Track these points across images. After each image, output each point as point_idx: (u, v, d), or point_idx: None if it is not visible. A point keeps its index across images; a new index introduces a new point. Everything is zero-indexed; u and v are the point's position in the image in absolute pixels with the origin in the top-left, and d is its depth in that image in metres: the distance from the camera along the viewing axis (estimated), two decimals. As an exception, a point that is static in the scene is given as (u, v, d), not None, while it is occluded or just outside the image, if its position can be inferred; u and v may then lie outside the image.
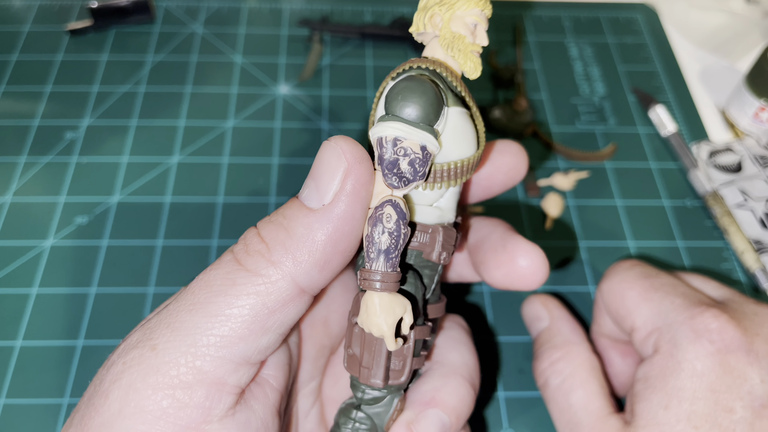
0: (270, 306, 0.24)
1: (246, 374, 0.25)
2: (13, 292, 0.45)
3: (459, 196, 0.29)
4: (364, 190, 0.24)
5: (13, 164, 0.52)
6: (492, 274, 0.31)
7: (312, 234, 0.24)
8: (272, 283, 0.24)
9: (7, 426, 0.40)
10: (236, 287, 0.24)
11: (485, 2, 0.27)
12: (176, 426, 0.23)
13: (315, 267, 0.24)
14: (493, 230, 0.32)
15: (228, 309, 0.24)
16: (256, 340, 0.24)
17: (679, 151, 0.55)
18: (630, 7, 0.69)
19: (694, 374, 0.31)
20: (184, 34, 0.63)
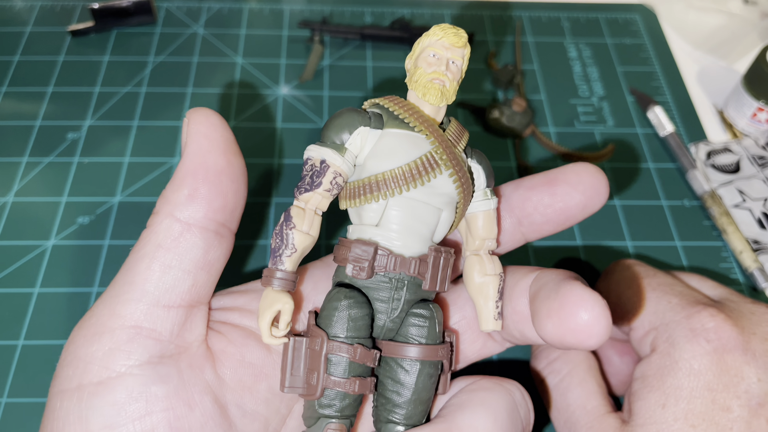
0: (162, 244, 0.27)
1: (164, 319, 0.27)
2: (15, 291, 0.46)
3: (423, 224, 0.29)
4: (204, 128, 0.28)
5: (16, 164, 0.53)
6: (543, 324, 0.27)
7: (176, 177, 0.28)
8: (157, 225, 0.28)
9: (8, 425, 0.40)
10: (138, 243, 0.28)
11: (441, 31, 0.28)
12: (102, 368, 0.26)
13: (185, 198, 0.28)
14: (553, 278, 0.29)
15: (134, 261, 0.28)
16: (157, 278, 0.27)
17: (678, 152, 0.55)
18: (628, 8, 0.69)
19: (691, 373, 0.31)
20: (185, 35, 0.64)
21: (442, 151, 0.28)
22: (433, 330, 0.28)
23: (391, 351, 0.28)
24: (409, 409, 0.28)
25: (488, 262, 0.30)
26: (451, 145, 0.28)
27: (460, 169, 0.28)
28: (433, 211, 0.28)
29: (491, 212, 0.30)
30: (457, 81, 0.29)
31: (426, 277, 0.28)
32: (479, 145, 0.56)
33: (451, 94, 0.29)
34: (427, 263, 0.28)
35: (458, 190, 0.28)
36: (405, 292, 0.28)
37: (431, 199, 0.28)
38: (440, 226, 0.29)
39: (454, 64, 0.28)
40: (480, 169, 0.30)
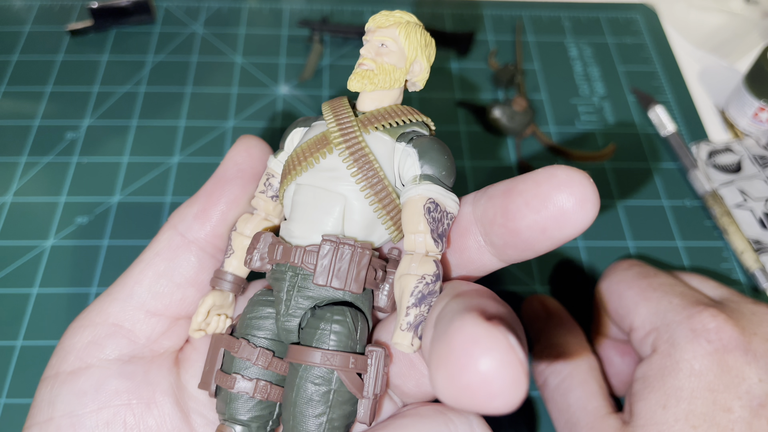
0: (160, 253, 0.29)
1: (142, 323, 0.28)
2: (13, 291, 0.46)
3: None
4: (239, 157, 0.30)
5: (14, 164, 0.52)
6: (433, 378, 0.19)
7: (196, 193, 0.30)
8: (161, 234, 0.29)
9: (7, 425, 0.40)
10: (145, 248, 0.30)
11: (372, 18, 0.27)
12: (77, 359, 0.28)
13: (192, 215, 0.29)
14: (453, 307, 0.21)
15: (134, 265, 0.29)
16: (150, 285, 0.28)
17: (679, 152, 0.55)
18: (629, 8, 0.69)
19: (692, 374, 0.31)
20: (184, 34, 0.63)
21: (336, 129, 0.25)
22: (330, 335, 0.24)
23: (292, 355, 0.25)
24: (290, 422, 0.24)
25: (413, 261, 0.24)
26: (359, 125, 0.25)
27: (356, 148, 0.25)
28: (332, 197, 0.25)
29: (414, 199, 0.24)
30: (390, 62, 0.26)
31: (314, 269, 0.24)
32: (480, 144, 0.56)
33: (381, 77, 0.26)
34: (314, 253, 0.24)
35: (351, 169, 0.25)
36: (301, 286, 0.25)
37: (329, 184, 0.25)
38: (353, 215, 0.25)
39: (384, 46, 0.26)
40: (413, 152, 0.25)
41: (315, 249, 0.25)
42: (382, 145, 0.26)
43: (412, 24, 0.27)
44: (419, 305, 0.23)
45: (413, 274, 0.23)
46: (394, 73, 0.26)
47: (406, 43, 0.26)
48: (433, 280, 0.23)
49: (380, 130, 0.26)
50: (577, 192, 0.21)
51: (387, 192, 0.25)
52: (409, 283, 0.23)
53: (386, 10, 0.27)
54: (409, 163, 0.25)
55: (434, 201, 0.24)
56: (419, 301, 0.23)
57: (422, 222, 0.24)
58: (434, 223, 0.24)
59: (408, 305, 0.23)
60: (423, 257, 0.24)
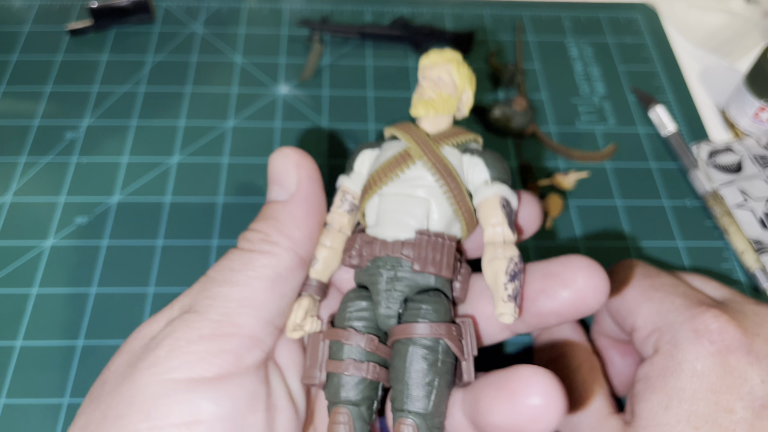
0: (282, 273, 0.29)
1: (271, 336, 0.29)
2: (13, 292, 0.45)
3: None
4: (314, 174, 0.31)
5: (13, 164, 0.52)
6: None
7: (293, 214, 0.30)
8: (278, 255, 0.29)
9: (7, 426, 0.40)
10: (252, 263, 0.29)
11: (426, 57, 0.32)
12: (213, 366, 0.27)
13: (306, 238, 0.30)
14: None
15: (251, 279, 0.28)
16: (276, 302, 0.29)
17: (679, 151, 0.55)
18: (630, 7, 0.69)
19: (694, 374, 0.31)
20: (184, 34, 0.63)
21: (416, 146, 0.30)
22: (430, 312, 0.28)
23: (398, 333, 0.28)
24: (405, 392, 0.27)
25: (498, 247, 0.29)
26: (431, 143, 0.31)
27: (436, 159, 0.30)
28: (417, 202, 0.30)
29: (489, 198, 0.30)
30: (447, 92, 0.31)
31: (413, 258, 0.29)
32: (480, 144, 0.56)
33: (441, 103, 0.31)
34: (412, 245, 0.29)
35: (435, 176, 0.30)
36: (397, 277, 0.29)
37: (414, 191, 0.30)
38: (433, 215, 0.30)
39: (440, 79, 0.31)
40: (479, 161, 0.31)
41: (411, 241, 0.29)
42: (453, 157, 0.31)
43: (460, 60, 0.32)
44: (513, 281, 0.28)
45: (502, 257, 0.28)
46: (450, 101, 0.32)
47: (457, 76, 0.32)
48: (520, 260, 0.28)
49: (449, 145, 0.31)
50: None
51: (463, 195, 0.30)
52: (501, 265, 0.28)
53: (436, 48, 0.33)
54: (477, 170, 0.31)
55: (506, 198, 0.30)
56: (512, 277, 0.28)
57: (500, 215, 0.29)
58: (507, 216, 0.29)
59: (504, 282, 0.27)
60: (504, 244, 0.29)
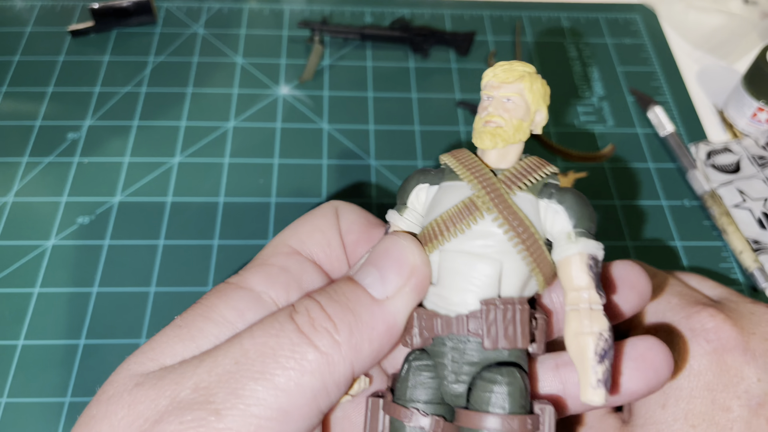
0: (328, 387, 0.24)
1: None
2: (15, 291, 0.46)
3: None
4: (423, 291, 0.26)
5: (16, 164, 0.53)
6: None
7: (375, 322, 0.25)
8: (334, 364, 0.24)
9: (9, 425, 0.40)
10: (303, 362, 0.24)
11: (491, 71, 0.27)
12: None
13: (370, 355, 0.25)
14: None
15: (293, 384, 0.23)
16: (310, 418, 0.24)
17: (678, 152, 0.55)
18: (628, 8, 0.69)
19: (691, 373, 0.31)
20: (185, 35, 0.64)
21: (485, 194, 0.25)
22: (508, 399, 0.24)
23: (462, 419, 0.25)
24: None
25: (584, 318, 0.25)
26: (504, 188, 0.26)
27: (509, 212, 0.25)
28: (487, 264, 0.25)
29: (574, 257, 0.25)
30: (518, 117, 0.26)
31: (481, 334, 0.25)
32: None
33: (512, 134, 0.26)
34: (479, 319, 0.25)
35: (508, 234, 0.25)
36: (465, 354, 0.25)
37: (483, 250, 0.25)
38: (506, 278, 0.25)
39: (509, 101, 0.26)
40: (561, 209, 0.26)
41: (478, 314, 0.25)
42: (529, 204, 0.26)
43: (533, 75, 0.27)
44: (603, 361, 0.24)
45: (589, 333, 0.24)
46: (522, 127, 0.26)
47: (530, 96, 0.26)
48: (610, 334, 0.24)
49: (523, 189, 0.26)
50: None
51: (541, 251, 0.25)
52: (589, 343, 0.24)
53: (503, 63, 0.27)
54: (558, 219, 0.26)
55: (594, 257, 0.25)
56: (602, 357, 0.24)
57: (586, 278, 0.25)
58: (595, 278, 0.25)
59: (593, 364, 0.24)
60: (590, 312, 0.24)
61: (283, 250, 0.28)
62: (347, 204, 0.31)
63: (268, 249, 0.29)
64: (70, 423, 0.40)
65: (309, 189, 0.52)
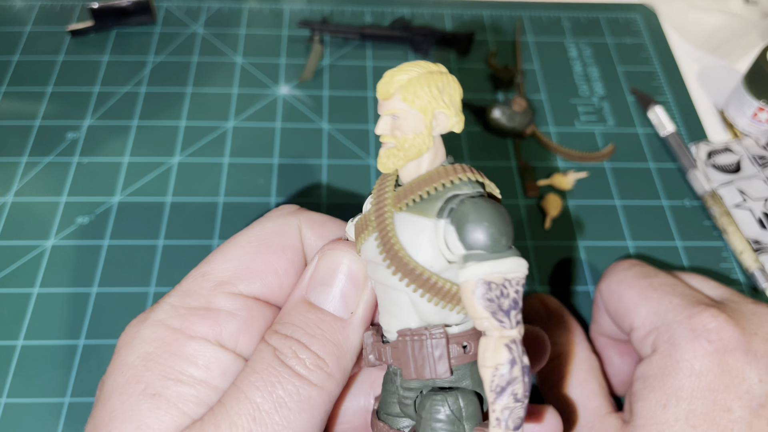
0: (329, 409, 0.26)
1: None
2: (14, 291, 0.46)
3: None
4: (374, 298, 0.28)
5: (15, 164, 0.52)
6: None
7: (351, 342, 0.27)
8: (332, 393, 0.26)
9: (8, 425, 0.40)
10: (311, 402, 0.25)
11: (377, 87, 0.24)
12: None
13: (352, 365, 0.27)
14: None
15: (309, 424, 0.25)
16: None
17: (678, 152, 0.55)
18: (629, 8, 0.69)
19: (692, 374, 0.31)
20: (185, 34, 0.63)
21: (373, 211, 0.24)
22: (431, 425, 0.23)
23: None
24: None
25: (486, 350, 0.22)
26: (389, 206, 0.24)
27: (384, 236, 0.23)
28: (395, 293, 0.24)
29: (463, 288, 0.22)
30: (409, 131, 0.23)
31: (400, 364, 0.24)
32: (479, 145, 0.56)
33: (408, 148, 0.23)
34: (396, 349, 0.24)
35: (387, 263, 0.23)
36: (401, 380, 0.25)
37: (389, 280, 0.24)
38: (419, 306, 0.24)
39: (395, 117, 0.23)
40: (450, 231, 0.22)
41: (396, 345, 0.24)
42: (416, 228, 0.23)
43: (414, 80, 0.23)
44: (501, 397, 0.21)
45: (486, 366, 0.22)
46: (417, 140, 0.23)
47: (416, 103, 0.23)
48: (508, 369, 0.21)
49: (408, 208, 0.23)
50: None
51: (430, 283, 0.23)
52: (485, 377, 0.22)
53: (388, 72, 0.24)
54: (450, 242, 0.23)
55: (485, 281, 0.22)
56: (499, 394, 0.21)
57: (479, 308, 0.22)
58: (492, 304, 0.22)
59: (492, 399, 0.21)
60: (496, 341, 0.22)
61: (227, 289, 0.27)
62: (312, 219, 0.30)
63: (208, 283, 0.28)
64: (70, 423, 0.40)
65: (309, 189, 0.52)
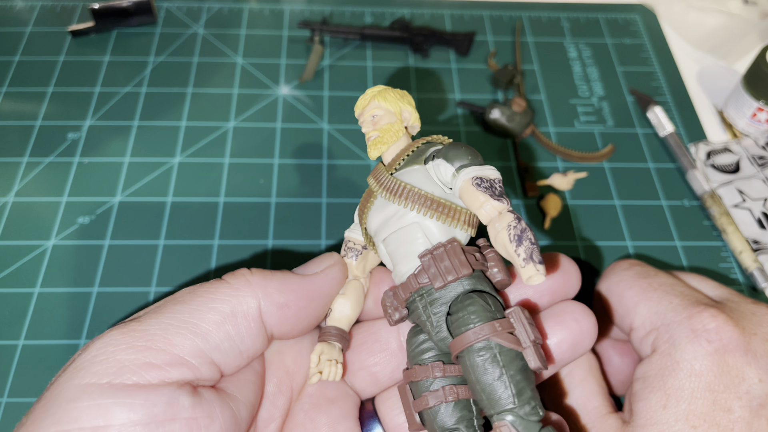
0: (236, 313, 0.29)
1: (207, 366, 0.28)
2: (15, 291, 0.46)
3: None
4: (340, 282, 0.33)
5: (16, 164, 0.53)
6: None
7: (289, 281, 0.30)
8: (241, 296, 0.29)
9: (9, 425, 0.40)
10: (215, 293, 0.29)
11: (355, 108, 0.35)
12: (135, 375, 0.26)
13: (277, 302, 0.30)
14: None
15: (204, 306, 0.28)
16: (219, 337, 0.28)
17: (677, 152, 0.55)
18: (628, 9, 0.69)
19: (692, 374, 0.31)
20: (185, 35, 0.64)
21: (373, 181, 0.32)
22: (469, 318, 0.28)
23: (454, 349, 0.28)
24: (485, 400, 0.27)
25: (495, 222, 0.29)
26: (384, 171, 0.32)
27: (389, 186, 0.31)
28: (409, 229, 0.30)
29: (463, 185, 0.29)
30: (386, 123, 0.33)
31: (429, 280, 0.29)
32: (479, 145, 0.56)
33: (385, 135, 0.32)
34: (422, 270, 0.29)
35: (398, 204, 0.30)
36: (430, 301, 0.29)
37: (400, 222, 0.30)
38: (428, 233, 0.30)
39: (374, 117, 0.33)
40: (439, 161, 0.30)
41: (419, 266, 0.29)
42: (413, 173, 0.31)
43: (382, 91, 0.34)
44: (521, 243, 0.27)
45: (500, 229, 0.28)
46: (392, 128, 0.33)
47: (386, 104, 0.33)
48: (518, 222, 0.28)
49: (402, 165, 0.32)
50: None
51: (438, 202, 0.30)
52: (503, 235, 0.28)
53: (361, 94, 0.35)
54: (442, 169, 0.30)
55: (477, 177, 0.29)
56: (519, 240, 0.27)
57: (479, 195, 0.29)
58: (488, 190, 0.29)
59: (514, 248, 0.27)
60: (499, 216, 0.28)
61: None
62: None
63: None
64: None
65: (309, 189, 0.52)
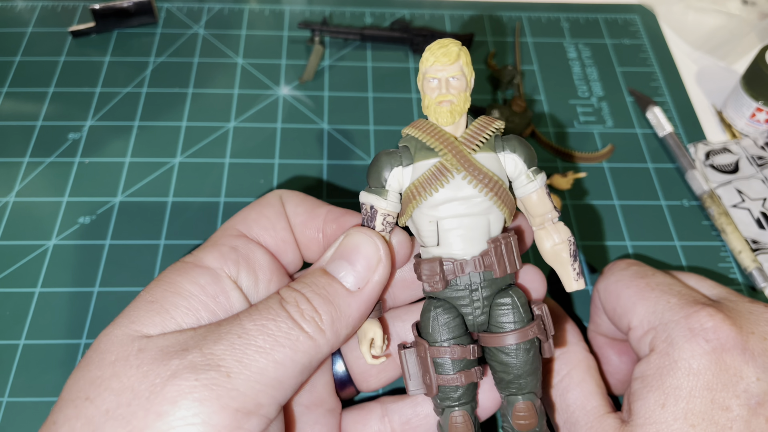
0: (312, 365, 0.29)
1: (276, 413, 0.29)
2: (16, 291, 0.46)
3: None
4: (387, 279, 0.32)
5: (17, 164, 0.53)
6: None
7: (351, 312, 0.30)
8: (319, 347, 0.29)
9: (10, 424, 0.40)
10: (297, 344, 0.28)
11: (431, 56, 0.30)
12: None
13: (346, 338, 0.30)
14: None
15: (288, 360, 0.28)
16: (293, 387, 0.29)
17: (677, 152, 0.55)
18: (628, 9, 0.69)
19: (690, 373, 0.31)
20: (186, 35, 0.64)
21: (452, 157, 0.30)
22: (519, 313, 0.31)
23: (489, 341, 0.32)
24: (519, 382, 0.32)
25: (554, 233, 0.32)
26: (465, 149, 0.30)
27: (473, 168, 0.30)
28: (479, 219, 0.31)
29: (539, 191, 0.32)
30: (464, 91, 0.31)
31: (494, 267, 0.31)
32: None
33: (462, 106, 0.31)
34: (489, 255, 0.31)
35: (478, 187, 0.30)
36: (481, 289, 0.31)
37: (475, 207, 0.31)
38: (493, 225, 0.32)
39: (454, 79, 0.30)
40: (515, 157, 0.32)
41: (487, 253, 0.31)
42: (491, 161, 0.31)
43: (463, 49, 0.31)
44: (576, 259, 0.32)
45: (560, 242, 0.32)
46: (468, 98, 0.31)
47: (467, 69, 0.31)
48: (574, 240, 0.33)
49: (481, 147, 0.31)
50: None
51: (507, 193, 0.31)
52: (563, 250, 0.32)
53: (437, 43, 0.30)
54: (510, 163, 0.32)
55: (547, 185, 0.33)
56: (575, 257, 0.32)
57: (549, 203, 0.32)
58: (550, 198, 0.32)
59: (570, 263, 0.32)
60: (555, 226, 0.32)
61: (231, 233, 0.33)
62: (291, 192, 0.35)
63: (218, 232, 0.33)
64: (72, 422, 0.40)
65: (309, 189, 0.52)
